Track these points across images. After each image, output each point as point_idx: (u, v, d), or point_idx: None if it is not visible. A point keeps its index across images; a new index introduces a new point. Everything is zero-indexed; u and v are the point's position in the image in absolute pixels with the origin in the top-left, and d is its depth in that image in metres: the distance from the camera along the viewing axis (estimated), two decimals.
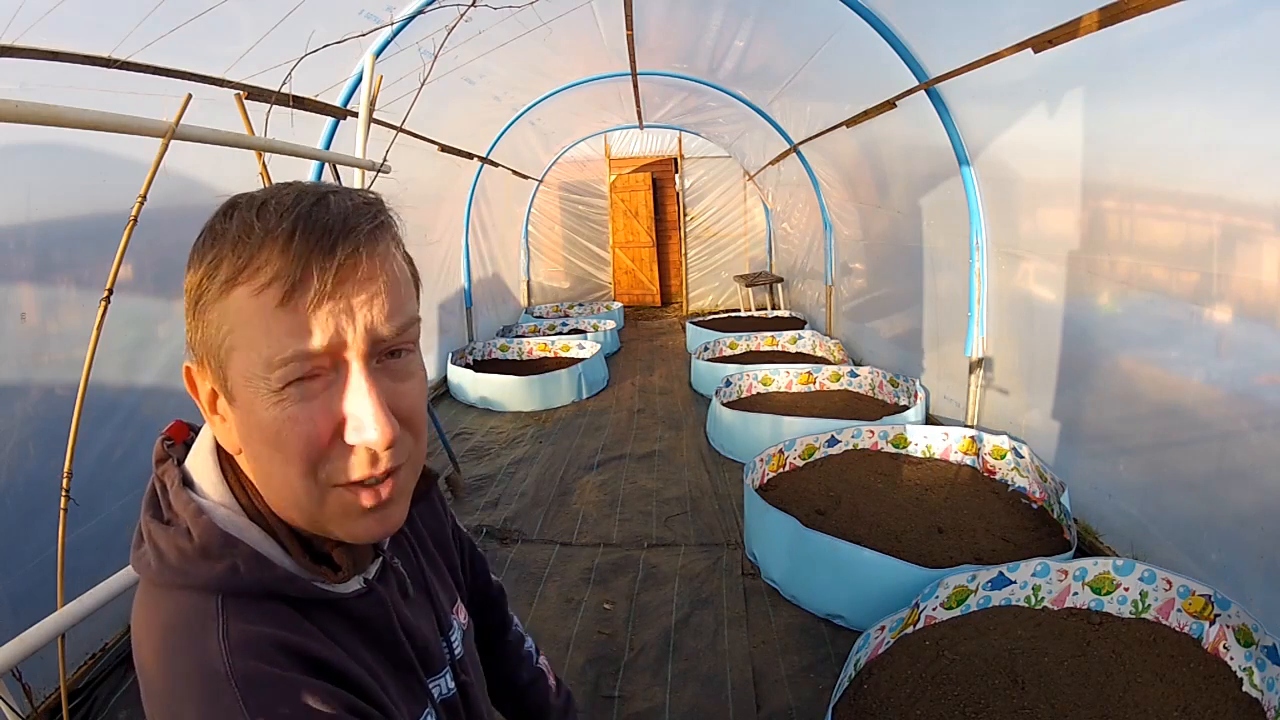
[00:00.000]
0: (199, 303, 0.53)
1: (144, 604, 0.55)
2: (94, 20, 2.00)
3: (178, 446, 0.62)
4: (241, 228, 0.51)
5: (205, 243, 0.53)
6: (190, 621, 0.52)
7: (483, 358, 6.52)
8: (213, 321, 0.53)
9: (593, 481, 3.99)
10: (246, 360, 0.52)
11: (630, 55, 5.21)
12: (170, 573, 0.54)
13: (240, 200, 0.54)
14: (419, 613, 0.70)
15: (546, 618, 2.68)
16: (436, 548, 0.81)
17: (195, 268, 0.53)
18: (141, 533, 0.57)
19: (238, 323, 0.51)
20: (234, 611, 0.53)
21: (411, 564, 0.74)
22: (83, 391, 1.47)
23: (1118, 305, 2.70)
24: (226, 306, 0.52)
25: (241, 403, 0.53)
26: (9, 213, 2.06)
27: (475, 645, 0.84)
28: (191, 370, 0.57)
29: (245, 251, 0.51)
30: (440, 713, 0.68)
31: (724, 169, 9.12)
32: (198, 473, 0.59)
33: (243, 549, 0.55)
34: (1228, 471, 2.21)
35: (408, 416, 0.56)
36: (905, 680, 2.04)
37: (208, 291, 0.52)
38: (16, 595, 1.99)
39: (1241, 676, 1.92)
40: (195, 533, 0.54)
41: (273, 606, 0.55)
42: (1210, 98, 2.07)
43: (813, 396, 5.06)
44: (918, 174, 4.13)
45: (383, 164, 2.84)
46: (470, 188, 6.63)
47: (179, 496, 0.56)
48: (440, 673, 0.70)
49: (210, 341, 0.53)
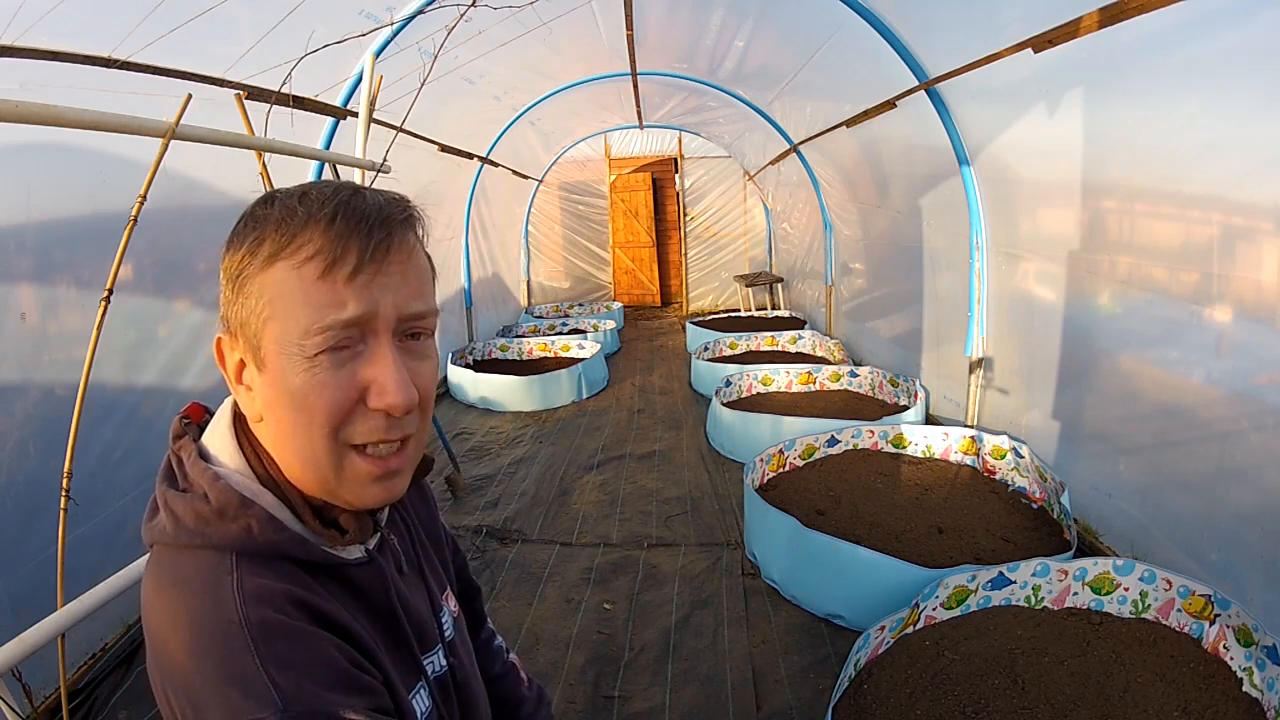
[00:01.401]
0: (239, 278, 0.58)
1: (157, 568, 0.58)
2: (94, 20, 2.00)
3: (194, 426, 0.67)
4: (284, 211, 0.57)
5: (246, 226, 0.58)
6: (205, 575, 0.55)
7: (483, 358, 6.52)
8: (252, 294, 0.57)
9: (593, 481, 3.99)
10: (283, 329, 0.56)
11: (630, 55, 5.21)
12: (186, 534, 0.57)
13: (279, 192, 0.59)
14: (413, 589, 0.73)
15: (546, 618, 2.68)
16: (429, 538, 0.84)
17: (235, 248, 0.58)
18: (157, 503, 0.60)
19: (277, 294, 0.56)
20: (247, 567, 0.56)
21: (407, 544, 0.77)
22: (83, 391, 1.48)
23: (1118, 305, 2.70)
24: (267, 279, 0.56)
25: (272, 370, 0.57)
26: (9, 213, 2.06)
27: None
28: (223, 342, 0.61)
29: (289, 231, 0.56)
30: (433, 688, 0.70)
31: (724, 169, 9.11)
32: (214, 445, 0.63)
33: (257, 510, 0.58)
34: (1228, 471, 2.21)
35: (420, 393, 0.61)
36: (905, 680, 2.04)
37: (249, 267, 0.57)
38: (16, 595, 1.98)
39: (1241, 676, 1.92)
40: (212, 496, 0.58)
41: (284, 566, 0.58)
42: (1210, 98, 2.07)
43: (813, 396, 5.06)
44: (918, 174, 4.13)
45: (383, 164, 2.84)
46: (470, 188, 6.63)
47: (195, 466, 0.60)
48: (433, 649, 0.73)
49: (247, 313, 0.58)
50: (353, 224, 0.56)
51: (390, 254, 0.58)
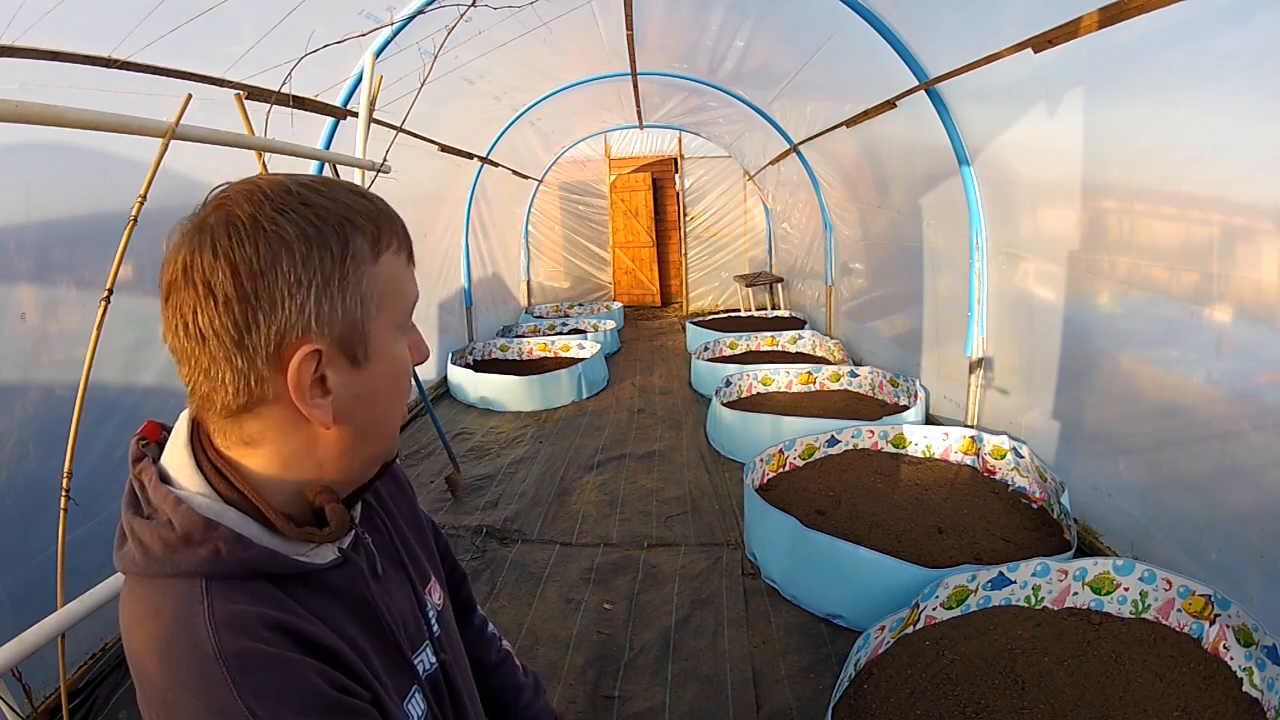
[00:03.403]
0: (341, 280, 0.57)
1: (131, 598, 0.57)
2: (94, 20, 2.00)
3: (152, 445, 0.65)
4: (347, 211, 0.59)
5: (302, 236, 0.55)
6: (176, 606, 0.54)
7: (483, 358, 6.51)
8: (360, 286, 0.59)
9: (593, 481, 3.99)
10: (395, 310, 0.62)
11: (630, 55, 5.21)
12: (155, 563, 0.55)
13: (298, 192, 0.57)
14: (394, 587, 0.71)
15: (546, 618, 2.68)
16: (409, 527, 0.82)
17: (307, 259, 0.55)
18: (124, 531, 0.59)
19: (389, 281, 0.61)
20: (219, 593, 0.54)
21: (384, 539, 0.75)
22: (83, 391, 1.48)
23: (1118, 305, 2.70)
24: (380, 270, 0.60)
25: (379, 356, 0.61)
26: (9, 213, 2.06)
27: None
28: (303, 357, 0.56)
29: (370, 225, 0.60)
30: (426, 689, 0.69)
31: (724, 169, 9.11)
32: (174, 466, 0.61)
33: (223, 531, 0.56)
34: (1228, 471, 2.21)
35: None
36: (905, 680, 2.04)
37: (346, 263, 0.57)
38: (16, 595, 1.99)
39: (1241, 676, 1.92)
40: (176, 522, 0.56)
41: (256, 585, 0.57)
42: (1210, 98, 2.06)
43: (813, 396, 5.06)
44: (918, 174, 4.13)
45: (383, 164, 2.84)
46: (470, 188, 6.63)
47: (157, 491, 0.58)
48: (421, 646, 0.72)
49: (353, 306, 0.58)
50: (392, 214, 0.64)
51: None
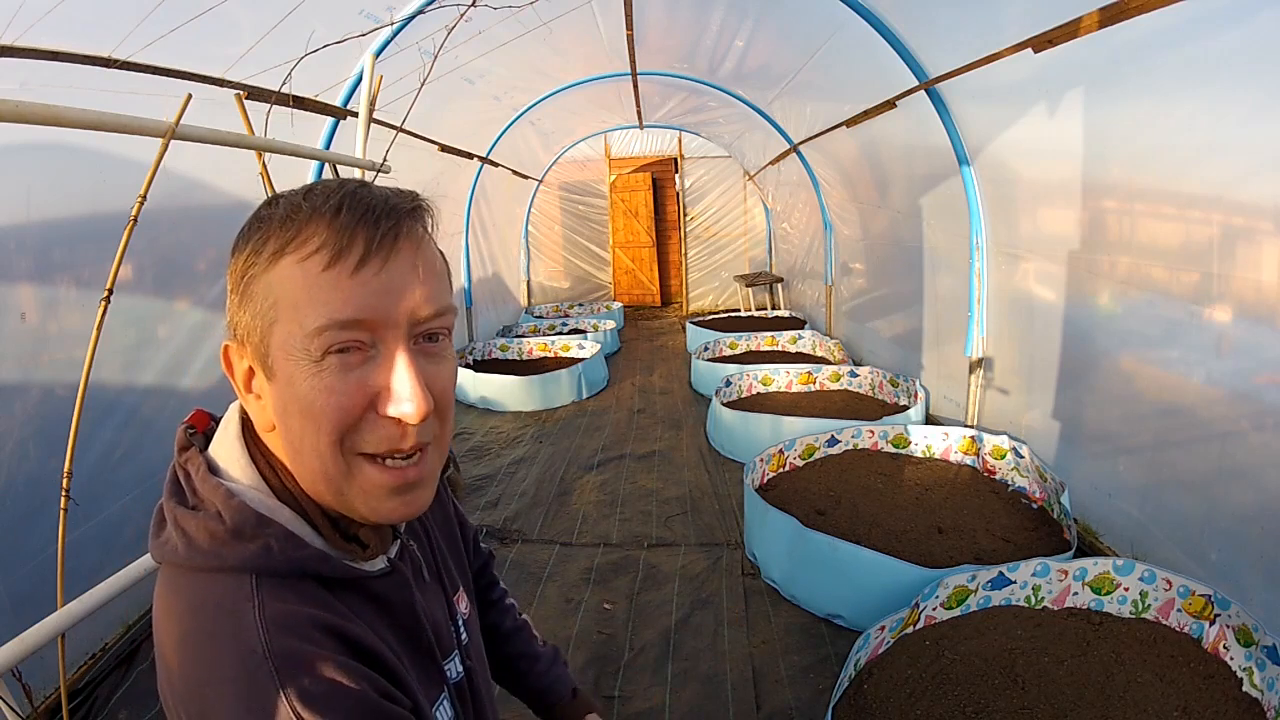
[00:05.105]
0: (244, 279, 0.55)
1: (168, 589, 0.55)
2: (94, 20, 2.00)
3: (199, 435, 0.63)
4: (289, 208, 0.55)
5: (251, 228, 0.56)
6: (224, 601, 0.52)
7: (483, 358, 6.52)
8: (257, 295, 0.54)
9: (593, 481, 3.99)
10: (289, 330, 0.53)
11: (630, 55, 5.21)
12: (200, 556, 0.54)
13: (284, 193, 0.57)
14: (432, 597, 0.72)
15: (547, 618, 2.68)
16: (443, 536, 0.83)
17: (240, 251, 0.56)
18: (165, 519, 0.57)
19: (283, 293, 0.53)
20: (269, 591, 0.53)
21: (425, 549, 0.75)
22: (83, 391, 1.48)
23: (1118, 305, 2.70)
24: (272, 278, 0.54)
25: (281, 376, 0.54)
26: (9, 213, 2.06)
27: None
28: (230, 349, 0.58)
29: (293, 225, 0.53)
30: (453, 696, 0.69)
31: (724, 169, 9.11)
32: (224, 458, 0.59)
33: (276, 528, 0.55)
34: (1228, 471, 2.21)
35: (438, 398, 0.58)
36: (905, 680, 2.04)
37: (254, 267, 0.54)
38: (16, 595, 1.98)
39: (1241, 676, 1.92)
40: (227, 515, 0.54)
41: (305, 586, 0.56)
42: (1210, 98, 2.06)
43: (813, 396, 5.06)
44: (918, 174, 4.13)
45: (383, 164, 2.84)
46: (470, 188, 6.63)
47: (206, 482, 0.57)
48: (450, 655, 0.72)
49: (253, 316, 0.55)
50: (357, 214, 0.53)
51: (398, 244, 0.54)
